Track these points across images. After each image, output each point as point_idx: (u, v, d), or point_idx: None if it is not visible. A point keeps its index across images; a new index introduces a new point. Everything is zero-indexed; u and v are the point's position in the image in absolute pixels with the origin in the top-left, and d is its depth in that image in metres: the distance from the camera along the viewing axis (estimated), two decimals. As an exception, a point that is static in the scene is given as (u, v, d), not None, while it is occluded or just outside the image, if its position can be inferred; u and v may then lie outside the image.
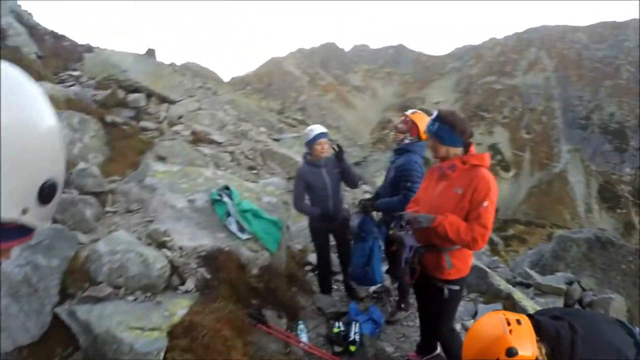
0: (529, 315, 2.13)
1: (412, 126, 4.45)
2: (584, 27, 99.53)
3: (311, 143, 4.75)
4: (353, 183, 5.11)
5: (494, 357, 1.94)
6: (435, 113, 3.18)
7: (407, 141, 4.50)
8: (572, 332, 2.06)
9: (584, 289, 7.31)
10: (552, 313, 2.27)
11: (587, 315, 2.29)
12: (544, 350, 2.02)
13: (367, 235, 4.82)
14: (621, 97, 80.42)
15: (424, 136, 4.25)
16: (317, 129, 4.82)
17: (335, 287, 5.74)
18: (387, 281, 5.62)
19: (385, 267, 5.39)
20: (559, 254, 8.60)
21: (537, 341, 2.00)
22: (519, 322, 2.01)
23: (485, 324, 2.08)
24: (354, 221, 4.86)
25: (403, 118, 4.55)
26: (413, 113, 4.52)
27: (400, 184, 4.32)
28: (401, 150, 4.52)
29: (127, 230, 4.45)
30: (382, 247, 5.07)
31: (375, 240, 4.87)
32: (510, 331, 1.95)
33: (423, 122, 4.26)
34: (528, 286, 7.42)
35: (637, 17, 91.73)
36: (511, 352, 1.91)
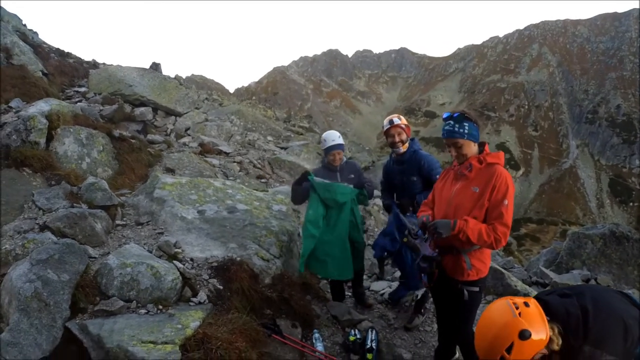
0: (536, 297, 2.10)
1: (408, 129, 4.57)
2: (585, 21, 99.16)
3: (326, 152, 4.83)
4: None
5: (508, 342, 1.91)
6: (457, 114, 3.09)
7: (407, 143, 4.60)
8: (581, 308, 2.03)
9: (609, 287, 7.19)
10: (559, 291, 2.23)
11: (593, 288, 2.26)
12: (556, 330, 2.00)
13: None
14: (626, 89, 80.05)
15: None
16: (329, 139, 4.81)
17: (348, 294, 5.65)
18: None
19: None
20: (574, 252, 8.45)
21: (549, 321, 1.98)
22: (526, 304, 1.98)
23: (493, 311, 2.05)
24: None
25: (399, 129, 4.52)
26: (398, 119, 4.52)
27: (432, 180, 4.30)
28: (409, 154, 4.58)
29: (137, 243, 4.43)
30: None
31: None
32: (520, 314, 1.93)
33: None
34: (544, 286, 7.29)
35: (637, 7, 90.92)
36: (524, 334, 1.89)
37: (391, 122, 4.55)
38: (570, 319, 2.02)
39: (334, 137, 4.83)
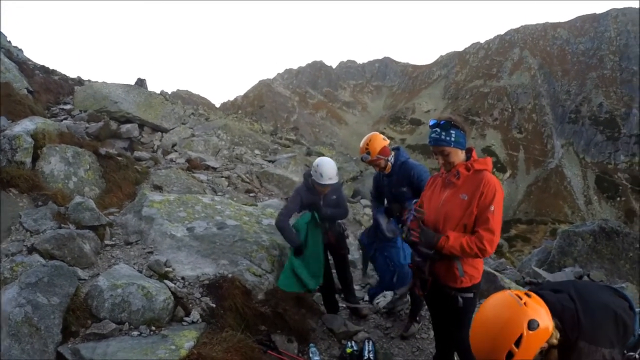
0: (532, 292, 2.05)
1: (383, 151, 4.47)
2: (564, 23, 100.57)
3: (318, 184, 4.72)
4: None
5: (516, 335, 1.81)
6: (443, 122, 3.06)
7: (390, 161, 4.55)
8: (573, 303, 2.01)
9: (594, 282, 7.25)
10: (550, 286, 2.20)
11: (581, 283, 2.28)
12: (554, 324, 1.96)
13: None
14: (607, 87, 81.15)
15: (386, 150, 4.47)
16: (326, 176, 4.66)
17: (342, 305, 5.62)
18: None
19: None
20: (565, 250, 8.53)
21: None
22: (528, 295, 1.92)
23: (495, 305, 1.94)
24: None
25: (374, 162, 4.51)
26: (367, 154, 4.47)
27: (422, 190, 4.32)
28: (398, 165, 4.55)
29: (127, 263, 4.37)
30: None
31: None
32: (525, 304, 1.85)
33: (378, 139, 4.47)
34: (538, 285, 7.33)
35: (615, 7, 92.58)
36: (533, 324, 1.81)
37: (362, 159, 4.55)
38: (566, 313, 1.99)
39: (331, 174, 4.67)
